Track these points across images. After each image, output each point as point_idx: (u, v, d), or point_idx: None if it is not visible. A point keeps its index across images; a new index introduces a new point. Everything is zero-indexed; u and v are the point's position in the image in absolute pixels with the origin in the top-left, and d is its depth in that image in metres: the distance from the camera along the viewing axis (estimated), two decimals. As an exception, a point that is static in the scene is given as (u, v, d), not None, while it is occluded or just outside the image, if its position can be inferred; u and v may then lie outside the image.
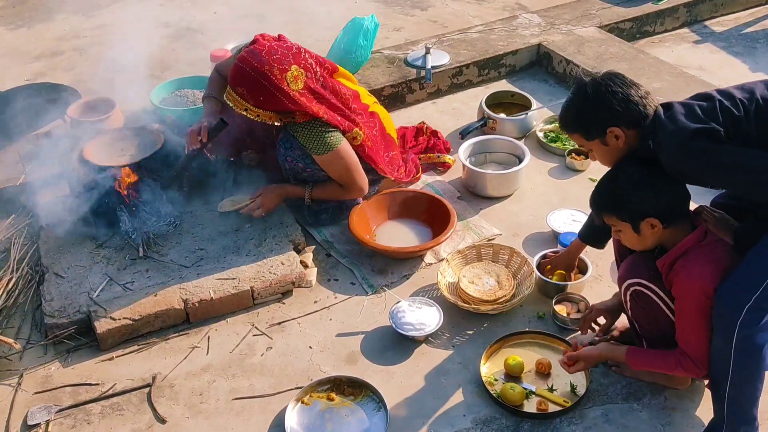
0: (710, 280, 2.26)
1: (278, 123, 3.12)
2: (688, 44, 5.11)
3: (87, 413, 2.71)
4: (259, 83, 3.00)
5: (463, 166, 3.69)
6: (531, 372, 2.76)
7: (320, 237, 3.43)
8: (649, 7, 5.14)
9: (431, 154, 3.87)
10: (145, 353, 2.93)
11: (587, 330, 2.81)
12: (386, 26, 5.24)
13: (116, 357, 2.91)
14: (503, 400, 2.64)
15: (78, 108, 3.89)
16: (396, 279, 3.23)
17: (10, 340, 2.88)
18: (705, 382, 2.62)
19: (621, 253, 2.67)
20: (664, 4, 5.17)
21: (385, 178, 3.54)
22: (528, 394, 2.67)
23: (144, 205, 3.29)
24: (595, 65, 4.38)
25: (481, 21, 5.25)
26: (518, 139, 3.96)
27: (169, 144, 3.39)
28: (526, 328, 2.96)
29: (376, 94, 4.10)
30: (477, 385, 2.74)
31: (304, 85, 3.08)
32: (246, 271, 3.13)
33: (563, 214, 3.44)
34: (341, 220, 3.44)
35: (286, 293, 3.16)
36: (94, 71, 4.79)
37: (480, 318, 3.01)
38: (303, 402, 2.68)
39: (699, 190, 2.40)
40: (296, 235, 3.33)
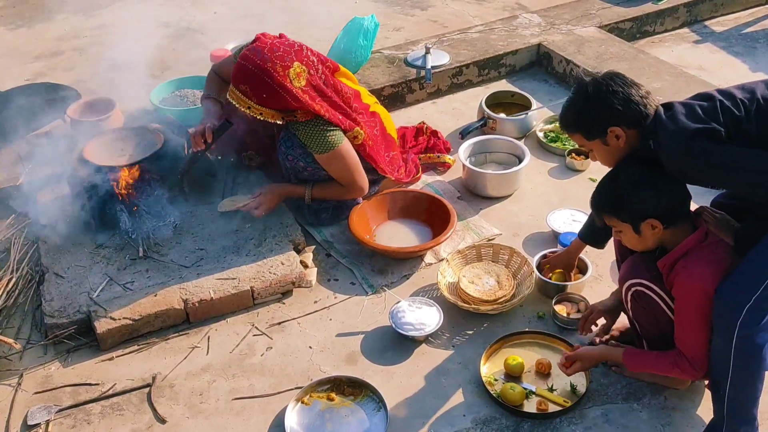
0: (711, 280, 2.26)
1: (280, 122, 3.12)
2: (688, 44, 5.10)
3: (87, 413, 2.70)
4: (262, 80, 2.99)
5: (463, 166, 3.69)
6: (531, 372, 2.76)
7: (320, 237, 3.43)
8: (649, 7, 5.14)
9: (431, 154, 3.86)
10: (145, 353, 2.93)
11: (587, 331, 2.80)
12: (386, 26, 5.24)
13: (116, 357, 2.91)
14: (503, 400, 2.64)
15: (78, 108, 3.89)
16: (396, 279, 3.23)
17: (10, 340, 2.88)
18: (705, 382, 2.62)
19: (622, 253, 2.66)
20: (664, 4, 5.17)
21: (386, 178, 3.54)
22: (528, 394, 2.67)
23: (144, 205, 3.29)
24: (595, 65, 4.38)
25: (481, 21, 5.24)
26: (518, 139, 3.96)
27: (169, 144, 3.39)
28: (526, 328, 2.96)
29: (376, 94, 4.10)
30: (477, 385, 2.74)
31: (306, 82, 3.08)
32: (246, 271, 3.13)
33: (563, 214, 3.44)
34: (341, 220, 3.44)
35: (286, 293, 3.16)
36: (94, 71, 4.80)
37: (480, 318, 3.01)
38: (303, 402, 2.68)
39: (699, 190, 2.40)
40: (296, 235, 3.33)
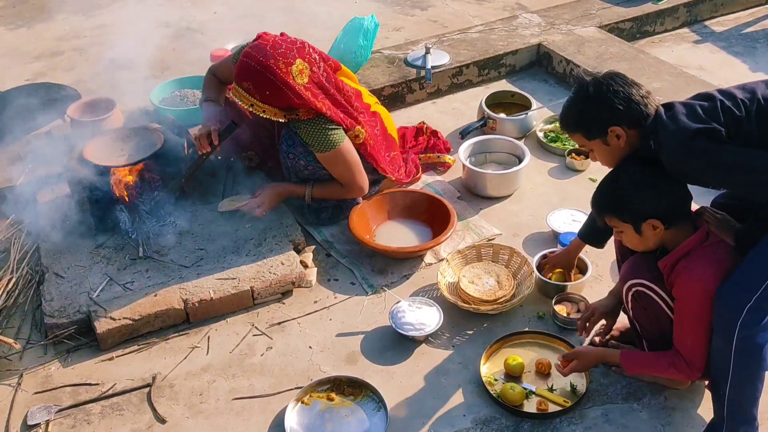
0: (712, 281, 2.26)
1: (283, 119, 3.12)
2: (688, 44, 5.10)
3: (87, 413, 2.70)
4: (264, 77, 2.99)
5: (463, 166, 3.69)
6: (531, 372, 2.76)
7: (320, 237, 3.43)
8: (649, 7, 5.14)
9: (431, 154, 3.86)
10: (145, 353, 2.93)
11: (587, 333, 2.80)
12: (386, 26, 5.24)
13: (116, 357, 2.91)
14: (503, 400, 2.63)
15: (78, 108, 3.89)
16: (396, 279, 3.22)
17: (10, 340, 2.88)
18: (705, 383, 2.62)
19: (622, 253, 2.66)
20: (664, 4, 5.17)
21: (386, 179, 3.54)
22: (528, 394, 2.67)
23: (144, 205, 3.28)
24: (595, 65, 4.38)
25: (481, 21, 5.24)
26: (518, 139, 3.96)
27: (169, 144, 3.39)
28: (526, 328, 2.96)
29: (376, 94, 4.10)
30: (477, 385, 2.74)
31: (309, 79, 3.08)
32: (246, 271, 3.13)
33: (563, 214, 3.44)
34: (341, 219, 3.43)
35: (286, 293, 3.16)
36: (94, 71, 4.80)
37: (480, 318, 3.01)
38: (303, 402, 2.68)
39: (700, 191, 2.40)
40: (296, 235, 3.33)
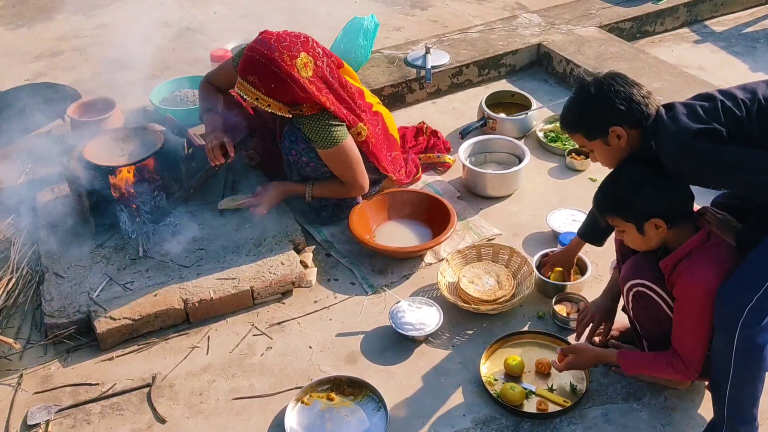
0: (714, 281, 2.25)
1: (288, 115, 3.12)
2: (688, 44, 5.10)
3: (87, 413, 2.70)
4: (270, 70, 3.00)
5: (463, 166, 3.68)
6: (531, 372, 2.76)
7: (320, 237, 3.43)
8: (649, 7, 5.14)
9: (431, 154, 3.86)
10: (145, 353, 2.93)
11: (584, 334, 2.79)
12: (386, 26, 5.24)
13: (116, 357, 2.91)
14: (503, 400, 2.63)
15: (78, 108, 3.89)
16: (396, 279, 3.22)
17: (10, 340, 2.88)
18: (705, 383, 2.62)
19: (623, 253, 2.66)
20: (664, 4, 5.17)
21: (386, 179, 3.54)
22: (528, 394, 2.66)
23: (144, 205, 3.28)
24: (595, 65, 4.38)
25: (481, 21, 5.24)
26: (518, 139, 3.96)
27: (169, 144, 3.39)
28: (526, 328, 2.97)
29: (376, 93, 4.10)
30: (477, 385, 2.74)
31: (313, 73, 3.08)
32: (246, 270, 3.13)
33: (563, 214, 3.44)
34: (342, 219, 3.43)
35: (286, 293, 3.16)
36: (94, 71, 4.81)
37: (480, 318, 3.01)
38: (303, 402, 2.68)
39: (700, 190, 2.40)
40: (296, 235, 3.33)
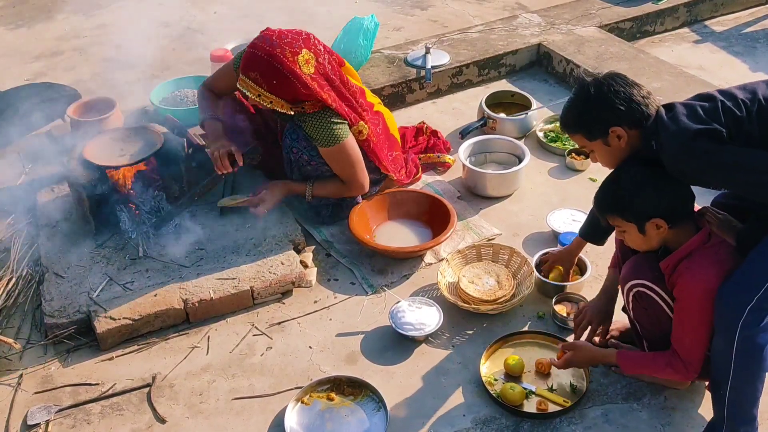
0: (714, 282, 2.25)
1: (290, 112, 3.11)
2: (688, 44, 5.10)
3: (87, 413, 2.70)
4: (272, 66, 2.99)
5: (463, 166, 3.68)
6: (531, 372, 2.76)
7: (320, 237, 3.43)
8: (649, 7, 5.14)
9: (431, 154, 3.86)
10: (145, 353, 2.93)
11: (582, 336, 2.79)
12: (386, 26, 5.23)
13: (116, 357, 2.91)
14: (503, 400, 2.63)
15: (78, 108, 3.90)
16: (396, 279, 3.22)
17: (10, 340, 2.88)
18: (705, 383, 2.62)
19: (623, 252, 2.66)
20: (664, 4, 5.17)
21: (386, 179, 3.54)
22: (528, 394, 2.67)
23: (144, 205, 3.28)
24: (595, 65, 4.38)
25: (481, 21, 5.24)
26: (518, 139, 3.96)
27: (169, 144, 3.39)
28: (526, 328, 2.97)
29: (376, 93, 4.09)
30: (477, 385, 2.74)
31: (315, 69, 3.08)
32: (246, 270, 3.13)
33: (563, 214, 3.44)
34: (342, 218, 3.43)
35: (286, 293, 3.16)
36: (94, 71, 4.81)
37: (480, 318, 3.01)
38: (303, 402, 2.68)
39: (700, 190, 2.40)
40: (296, 235, 3.33)
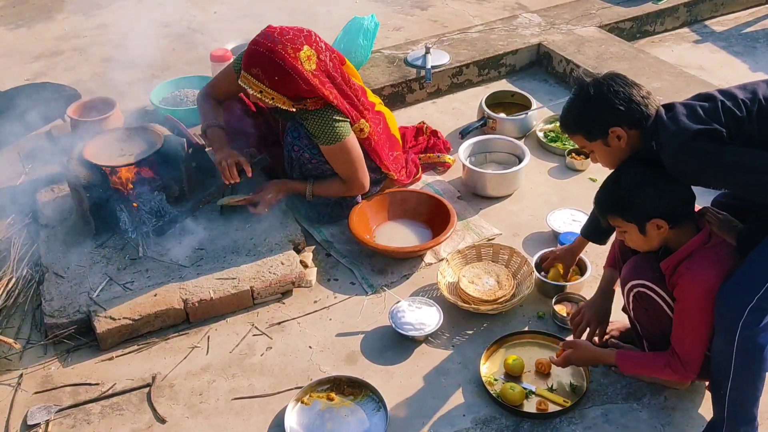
0: (715, 282, 2.25)
1: (292, 108, 3.11)
2: (688, 44, 5.10)
3: (87, 413, 2.70)
4: (273, 62, 2.99)
5: (463, 166, 3.68)
6: (531, 372, 2.77)
7: (320, 237, 3.42)
8: (649, 7, 5.14)
9: (431, 154, 3.86)
10: (144, 353, 2.93)
11: (582, 335, 2.79)
12: (386, 26, 5.23)
13: (116, 357, 2.91)
14: (503, 400, 2.63)
15: (78, 108, 3.90)
16: (396, 279, 3.22)
17: (10, 340, 2.88)
18: (705, 383, 2.62)
19: (623, 252, 2.66)
20: (664, 4, 5.17)
21: (387, 179, 3.54)
22: (528, 394, 2.67)
23: (144, 205, 3.28)
24: (595, 65, 4.38)
25: (481, 21, 5.24)
26: (518, 138, 3.96)
27: (169, 144, 3.39)
28: (526, 328, 2.97)
29: (377, 93, 4.09)
30: (477, 385, 2.74)
31: (316, 66, 3.08)
32: (246, 270, 3.13)
33: (563, 214, 3.44)
34: (342, 218, 3.43)
35: (286, 293, 3.16)
36: (94, 71, 4.80)
37: (480, 318, 3.01)
38: (303, 402, 2.68)
39: (700, 190, 2.40)
40: (296, 235, 3.33)
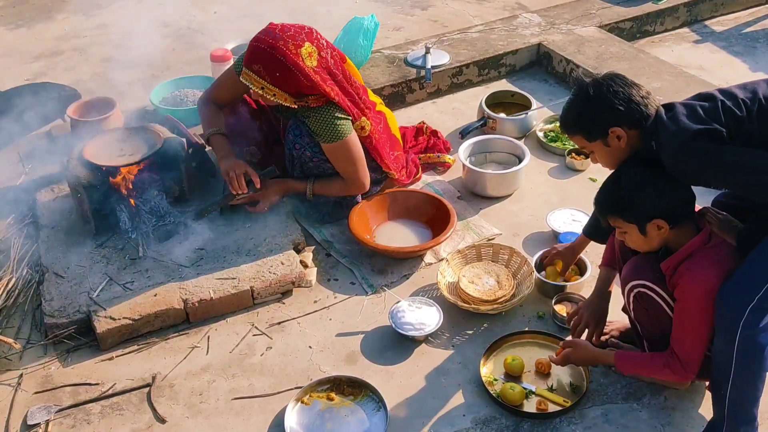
0: (715, 282, 2.25)
1: (293, 105, 3.11)
2: (688, 44, 5.10)
3: (87, 413, 2.70)
4: (275, 58, 3.00)
5: (463, 166, 3.68)
6: (531, 372, 2.77)
7: (320, 237, 3.42)
8: (649, 7, 5.14)
9: (431, 154, 3.86)
10: (144, 353, 2.93)
11: (581, 336, 2.78)
12: (386, 26, 5.23)
13: (116, 357, 2.91)
14: (503, 400, 2.63)
15: (78, 108, 3.89)
16: (396, 279, 3.22)
17: (10, 340, 2.88)
18: (705, 383, 2.62)
19: (623, 252, 2.66)
20: (664, 4, 5.17)
21: (387, 180, 3.54)
22: (528, 393, 2.67)
23: (144, 205, 3.28)
24: (595, 65, 4.38)
25: (481, 20, 5.24)
26: (518, 138, 3.96)
27: (169, 144, 3.39)
28: (526, 328, 2.97)
29: (377, 93, 4.09)
30: (477, 385, 2.74)
31: (318, 63, 3.09)
32: (246, 270, 3.13)
33: (563, 214, 3.44)
34: (342, 217, 3.43)
35: (286, 293, 3.16)
36: (94, 71, 4.80)
37: (480, 318, 3.01)
38: (303, 402, 2.68)
39: (700, 190, 2.40)
40: (296, 235, 3.33)
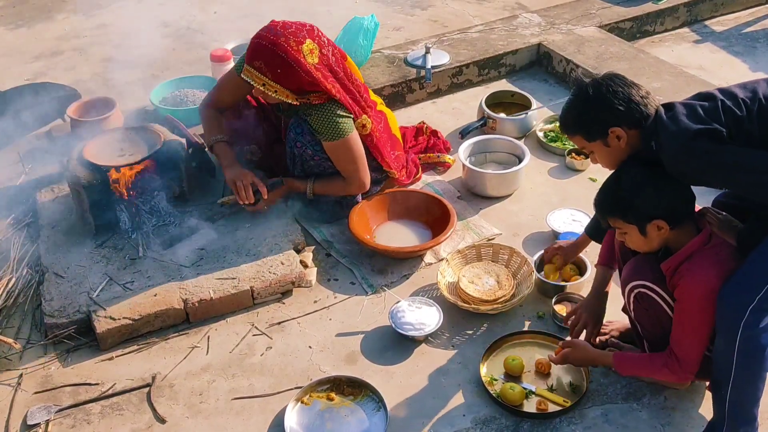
0: (715, 282, 2.25)
1: (295, 102, 3.12)
2: (688, 44, 5.10)
3: (87, 413, 2.70)
4: (276, 55, 3.00)
5: (463, 165, 3.68)
6: (531, 372, 2.77)
7: (320, 237, 3.42)
8: (649, 7, 5.14)
9: (431, 154, 3.86)
10: (144, 353, 2.93)
11: (580, 336, 2.79)
12: (386, 26, 5.23)
13: (116, 357, 2.91)
14: (503, 400, 2.63)
15: (78, 108, 3.89)
16: (396, 279, 3.22)
17: (10, 340, 2.88)
18: (705, 383, 2.62)
19: (623, 253, 2.66)
20: (664, 4, 5.17)
21: (387, 180, 3.54)
22: (528, 393, 2.67)
23: (144, 205, 3.28)
24: (595, 65, 4.38)
25: (481, 20, 5.24)
26: (518, 138, 3.96)
27: (169, 144, 3.39)
28: (526, 328, 2.97)
29: (377, 93, 4.09)
30: (477, 385, 2.74)
31: (319, 60, 3.09)
32: (246, 270, 3.13)
33: (563, 213, 3.44)
34: (342, 217, 3.43)
35: (286, 293, 3.16)
36: (94, 71, 4.80)
37: (480, 318, 3.01)
38: (303, 402, 2.68)
39: (701, 190, 2.40)
40: (296, 235, 3.33)
